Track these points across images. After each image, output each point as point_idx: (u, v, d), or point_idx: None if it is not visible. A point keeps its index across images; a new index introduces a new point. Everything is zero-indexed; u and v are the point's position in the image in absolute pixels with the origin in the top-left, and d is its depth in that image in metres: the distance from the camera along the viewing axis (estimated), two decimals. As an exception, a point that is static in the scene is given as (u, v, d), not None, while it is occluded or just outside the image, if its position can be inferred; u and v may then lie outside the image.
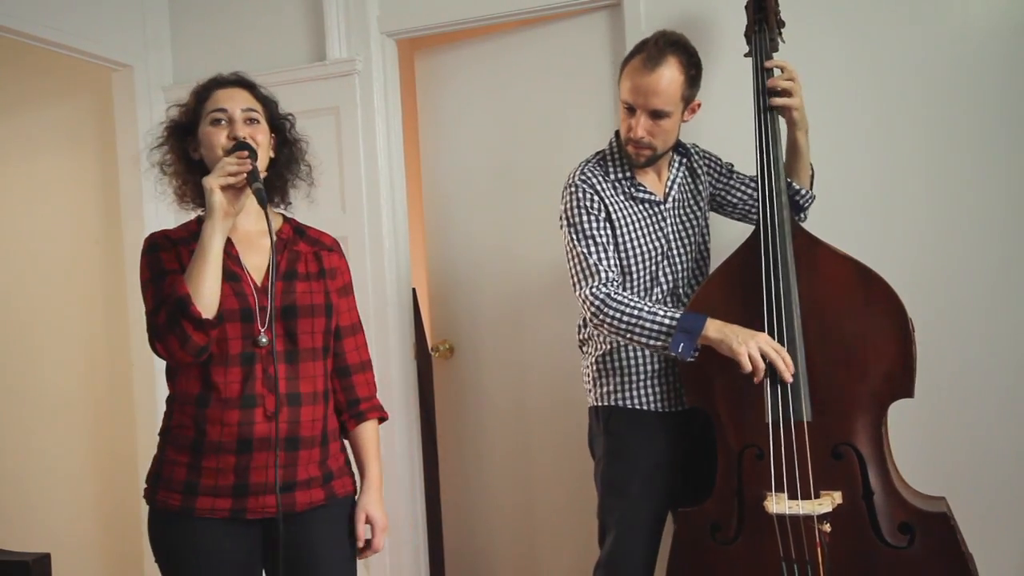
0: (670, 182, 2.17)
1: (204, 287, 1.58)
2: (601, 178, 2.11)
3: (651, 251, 2.11)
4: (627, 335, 1.97)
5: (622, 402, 2.12)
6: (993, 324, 2.31)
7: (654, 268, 2.12)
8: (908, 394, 1.88)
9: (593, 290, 2.01)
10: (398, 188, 2.98)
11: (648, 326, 1.94)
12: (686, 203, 2.20)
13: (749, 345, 1.84)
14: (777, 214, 1.96)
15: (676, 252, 2.15)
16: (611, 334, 2.01)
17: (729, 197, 2.28)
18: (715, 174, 2.27)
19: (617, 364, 2.13)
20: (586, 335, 2.22)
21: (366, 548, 1.80)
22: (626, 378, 2.12)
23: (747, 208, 2.27)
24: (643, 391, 2.12)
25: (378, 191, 2.90)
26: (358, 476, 1.85)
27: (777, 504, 1.88)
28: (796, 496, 1.88)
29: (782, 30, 2.13)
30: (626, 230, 2.09)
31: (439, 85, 3.03)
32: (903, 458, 1.98)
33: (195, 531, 1.66)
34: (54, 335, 3.39)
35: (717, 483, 2.00)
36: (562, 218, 2.12)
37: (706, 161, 2.27)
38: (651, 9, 2.57)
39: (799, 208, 2.18)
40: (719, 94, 2.39)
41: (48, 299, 3.39)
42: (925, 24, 2.35)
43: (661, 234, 2.13)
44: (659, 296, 2.13)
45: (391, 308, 2.93)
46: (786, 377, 1.85)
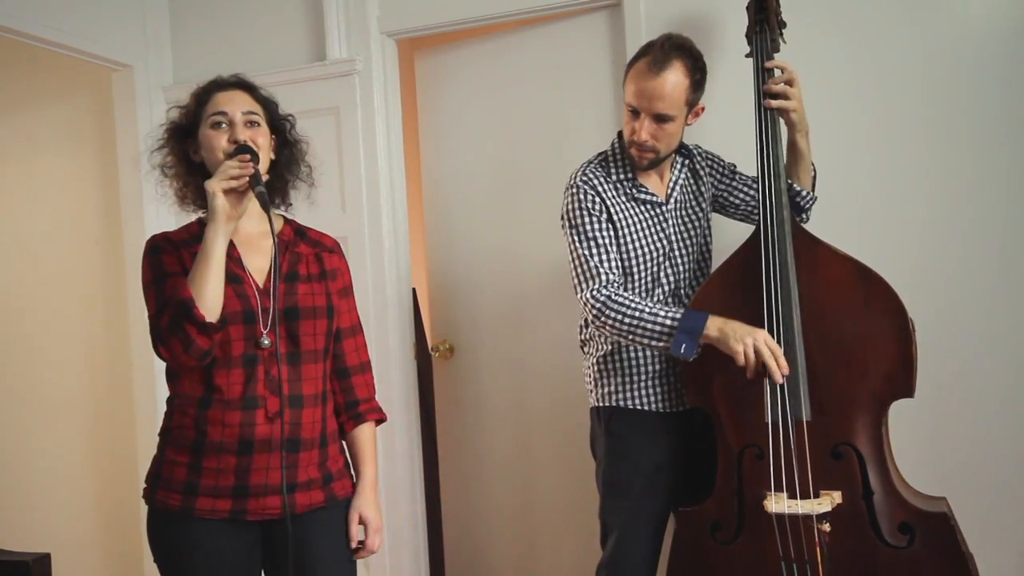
0: (672, 183, 2.17)
1: (207, 290, 1.58)
2: (603, 179, 2.11)
3: (653, 252, 2.11)
4: (629, 336, 1.97)
5: (624, 403, 2.12)
6: (993, 324, 2.31)
7: (656, 269, 2.12)
8: (908, 394, 1.88)
9: (594, 292, 2.01)
10: (398, 188, 2.98)
11: (649, 327, 1.94)
12: (688, 204, 2.20)
13: (746, 342, 1.85)
14: (777, 214, 1.96)
15: (678, 253, 2.15)
16: (613, 335, 2.01)
17: (731, 198, 2.28)
18: (717, 175, 2.27)
19: (618, 365, 2.13)
20: (587, 336, 2.22)
21: (360, 549, 1.80)
22: (627, 379, 2.12)
23: (749, 209, 2.27)
24: (645, 391, 2.12)
25: (378, 191, 2.90)
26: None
27: (776, 504, 1.88)
28: (796, 496, 1.88)
29: (783, 31, 2.13)
30: (628, 231, 2.09)
31: (439, 85, 3.03)
32: (903, 458, 1.98)
33: (195, 531, 1.66)
34: (54, 335, 3.39)
35: (717, 483, 2.00)
36: (563, 219, 2.12)
37: (708, 162, 2.27)
38: (651, 9, 2.57)
39: (800, 209, 2.18)
40: (720, 95, 2.39)
41: (48, 299, 3.39)
42: (925, 24, 2.35)
43: (663, 235, 2.13)
44: (660, 297, 2.13)
45: (391, 308, 2.93)
46: (776, 378, 1.85)
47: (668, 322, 1.92)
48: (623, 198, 2.11)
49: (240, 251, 1.72)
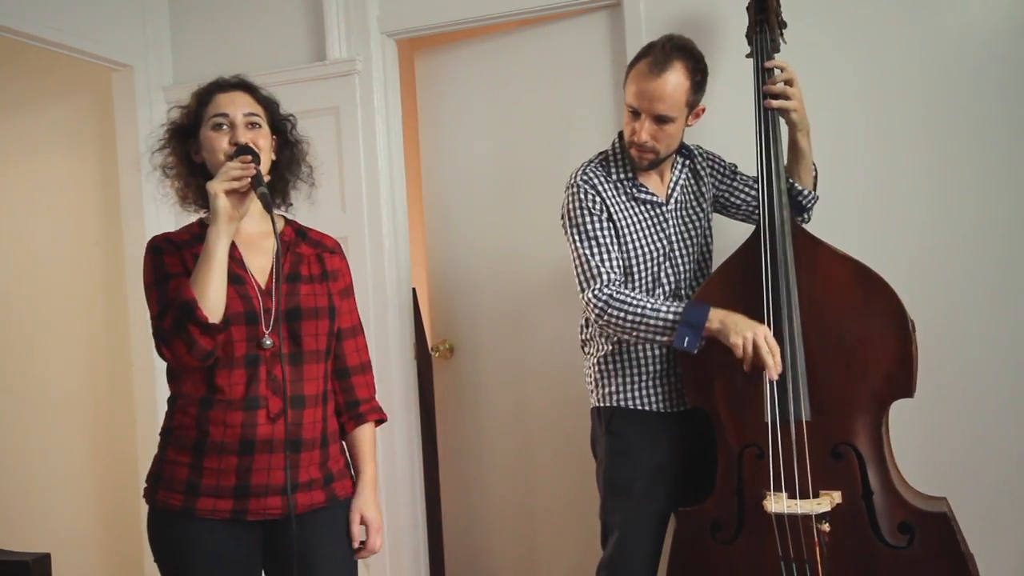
0: (672, 184, 2.17)
1: (210, 291, 1.58)
2: (603, 178, 2.11)
3: (653, 252, 2.11)
4: (633, 333, 1.98)
5: (624, 403, 2.13)
6: (993, 324, 2.31)
7: (656, 269, 2.12)
8: (908, 394, 1.88)
9: (596, 292, 2.01)
10: (398, 188, 2.98)
11: (652, 322, 1.94)
12: (689, 205, 2.20)
13: (746, 336, 1.86)
14: (777, 214, 1.96)
15: (678, 253, 2.15)
16: (617, 333, 2.01)
17: (732, 198, 2.28)
18: (718, 175, 2.27)
19: (619, 365, 2.13)
20: (588, 336, 2.22)
21: (361, 549, 1.80)
22: (628, 379, 2.12)
23: (750, 209, 2.26)
24: (645, 392, 2.12)
25: (378, 191, 2.90)
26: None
27: (776, 503, 1.88)
28: (795, 496, 1.88)
29: (784, 31, 2.13)
30: (628, 231, 2.09)
31: (439, 85, 3.03)
32: (903, 458, 1.98)
33: (195, 531, 1.66)
34: (54, 335, 3.39)
35: (717, 482, 2.00)
36: (564, 218, 2.12)
37: (709, 163, 2.27)
38: (651, 9, 2.57)
39: (802, 209, 2.18)
40: (720, 95, 2.39)
41: (48, 299, 3.39)
42: (925, 24, 2.35)
43: (663, 235, 2.13)
44: (661, 297, 2.13)
45: (391, 308, 2.93)
46: (771, 375, 1.86)
47: (670, 316, 1.93)
48: (623, 198, 2.11)
49: (242, 251, 1.72)
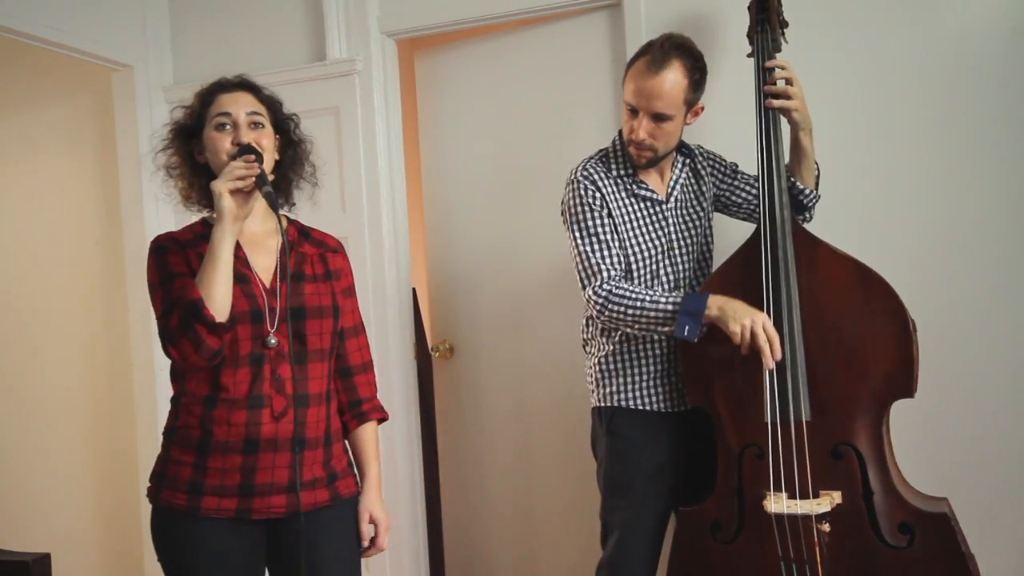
0: (673, 182, 2.17)
1: (216, 291, 1.58)
2: (603, 174, 2.11)
3: (652, 249, 2.11)
4: (634, 326, 1.99)
5: (625, 403, 2.13)
6: (993, 324, 2.31)
7: (655, 266, 2.12)
8: (908, 394, 1.88)
9: (596, 289, 2.02)
10: (398, 188, 2.98)
11: (652, 314, 1.95)
12: (689, 203, 2.20)
13: (744, 323, 1.87)
14: (778, 214, 1.96)
15: (678, 251, 2.15)
16: (620, 327, 2.03)
17: (733, 197, 2.28)
18: (719, 175, 2.27)
19: (620, 365, 2.13)
20: (589, 335, 2.22)
21: (370, 547, 1.81)
22: (629, 378, 2.12)
23: (751, 208, 2.26)
24: (646, 391, 2.12)
25: (378, 191, 2.90)
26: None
27: (776, 504, 1.88)
28: (795, 496, 1.88)
29: (785, 30, 2.13)
30: (627, 227, 2.10)
31: (439, 85, 3.03)
32: (904, 458, 1.98)
33: (200, 531, 1.66)
34: (54, 335, 3.39)
35: (717, 482, 2.01)
36: (564, 214, 2.12)
37: (710, 162, 2.27)
38: (651, 9, 2.57)
39: (803, 208, 2.18)
40: (721, 94, 2.39)
41: (48, 299, 3.39)
42: (925, 24, 2.35)
43: (662, 232, 2.13)
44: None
45: (391, 308, 2.93)
46: (768, 363, 1.86)
47: (670, 307, 1.94)
48: (623, 194, 2.11)
49: (246, 251, 1.73)
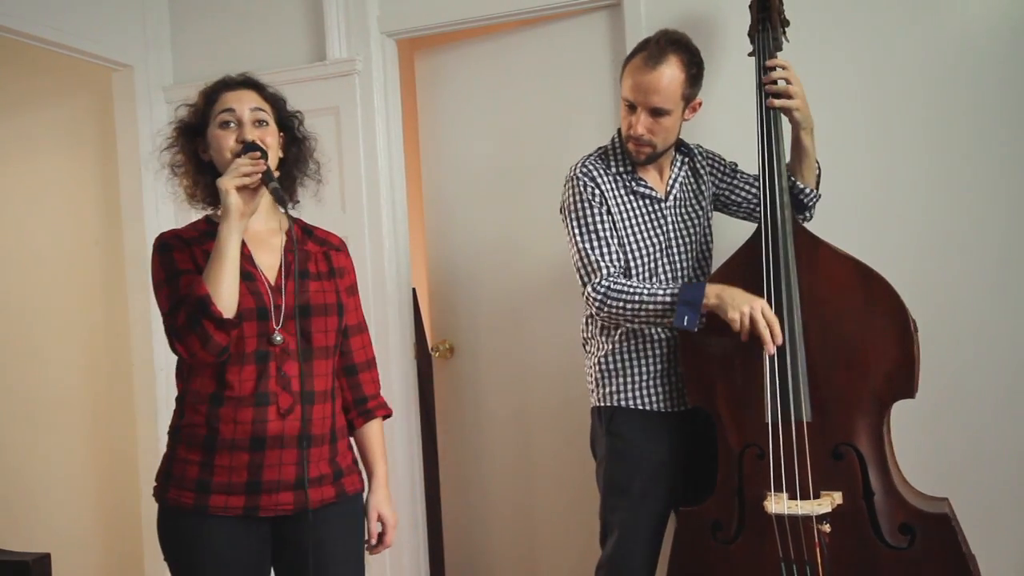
0: (672, 181, 2.17)
1: (223, 287, 1.59)
2: (602, 171, 2.11)
3: (650, 246, 2.11)
4: (635, 320, 2.00)
5: (625, 402, 2.13)
6: (993, 324, 2.31)
7: (653, 264, 2.12)
8: (909, 395, 1.88)
9: (595, 286, 2.02)
10: (398, 188, 2.98)
11: (651, 307, 1.96)
12: (688, 202, 2.20)
13: (743, 310, 1.87)
14: (778, 214, 1.96)
15: (676, 249, 2.15)
16: (620, 323, 2.03)
17: (733, 197, 2.28)
18: (718, 174, 2.27)
19: (620, 364, 2.13)
20: (589, 334, 2.22)
21: (378, 545, 1.83)
22: (629, 378, 2.12)
23: (751, 207, 2.26)
24: (646, 391, 2.12)
25: (378, 191, 2.90)
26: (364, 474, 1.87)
27: (777, 504, 1.88)
28: (796, 496, 1.88)
29: (786, 29, 2.13)
30: (625, 224, 2.10)
31: (439, 85, 3.03)
32: (904, 458, 1.98)
33: (207, 529, 1.66)
34: (54, 335, 3.39)
35: (718, 483, 2.00)
36: (563, 211, 2.12)
37: (709, 162, 2.27)
38: (651, 9, 2.57)
39: (804, 207, 2.18)
40: (722, 94, 2.39)
41: (48, 299, 3.39)
42: (926, 24, 2.35)
43: (661, 230, 2.13)
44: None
45: (391, 308, 2.93)
46: (769, 349, 1.86)
47: (668, 298, 1.94)
48: (622, 191, 2.11)
49: (250, 248, 1.73)
